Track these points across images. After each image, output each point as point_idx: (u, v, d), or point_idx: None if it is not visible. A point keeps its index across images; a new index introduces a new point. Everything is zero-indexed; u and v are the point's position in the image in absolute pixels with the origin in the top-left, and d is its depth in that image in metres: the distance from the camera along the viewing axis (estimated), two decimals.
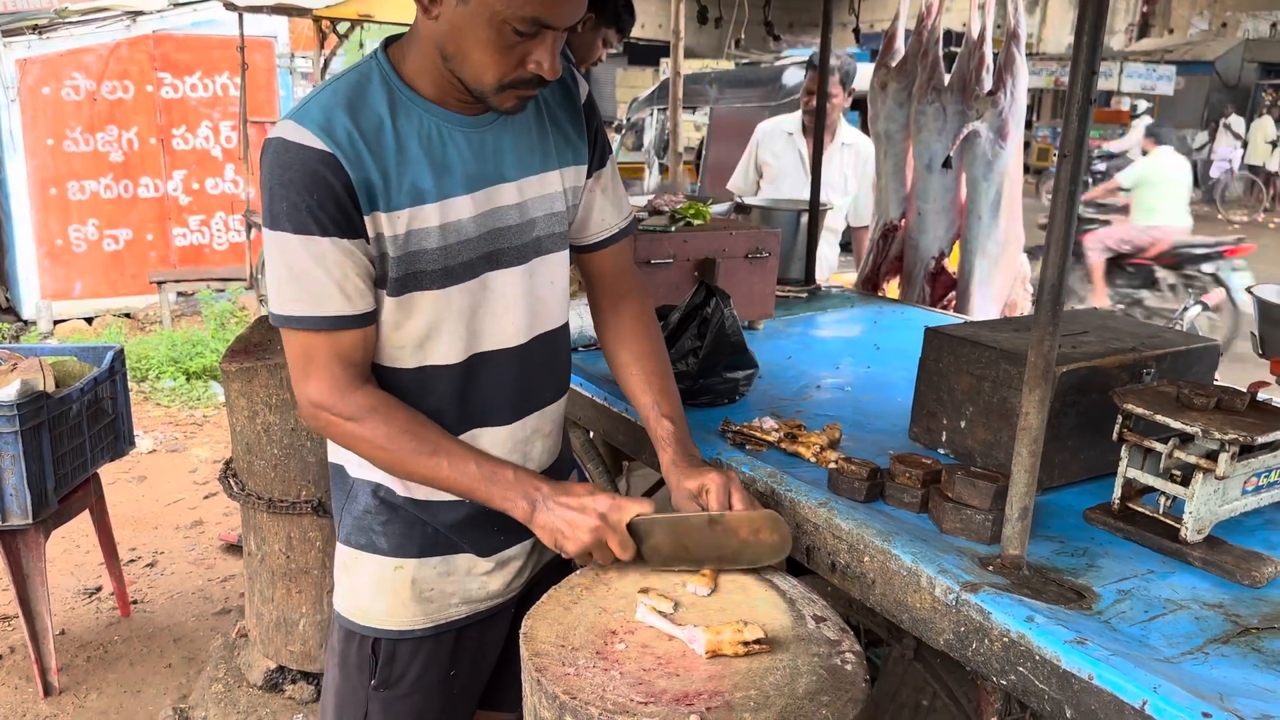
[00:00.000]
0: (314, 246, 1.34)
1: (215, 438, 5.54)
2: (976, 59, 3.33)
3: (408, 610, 1.57)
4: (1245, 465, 1.55)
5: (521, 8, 1.26)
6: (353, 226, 1.35)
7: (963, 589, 1.38)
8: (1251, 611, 1.41)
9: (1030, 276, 3.62)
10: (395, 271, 1.40)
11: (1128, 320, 2.12)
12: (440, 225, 1.41)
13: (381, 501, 1.55)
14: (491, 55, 1.31)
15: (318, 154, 1.31)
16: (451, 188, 1.41)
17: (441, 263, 1.42)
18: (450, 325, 1.46)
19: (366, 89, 1.38)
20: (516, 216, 1.49)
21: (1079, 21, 1.35)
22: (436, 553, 1.57)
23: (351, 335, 1.40)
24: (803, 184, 4.16)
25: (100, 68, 7.82)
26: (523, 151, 1.49)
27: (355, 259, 1.37)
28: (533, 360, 1.57)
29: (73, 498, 3.14)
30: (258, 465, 2.68)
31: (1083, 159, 1.36)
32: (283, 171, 1.32)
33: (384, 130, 1.37)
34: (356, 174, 1.33)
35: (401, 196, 1.37)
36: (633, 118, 9.28)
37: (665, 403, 1.63)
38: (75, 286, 7.99)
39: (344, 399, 1.40)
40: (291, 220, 1.33)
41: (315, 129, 1.32)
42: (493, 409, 1.55)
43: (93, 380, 3.15)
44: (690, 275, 2.72)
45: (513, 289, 1.51)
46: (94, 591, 3.81)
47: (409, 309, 1.43)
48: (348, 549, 1.59)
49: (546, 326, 1.59)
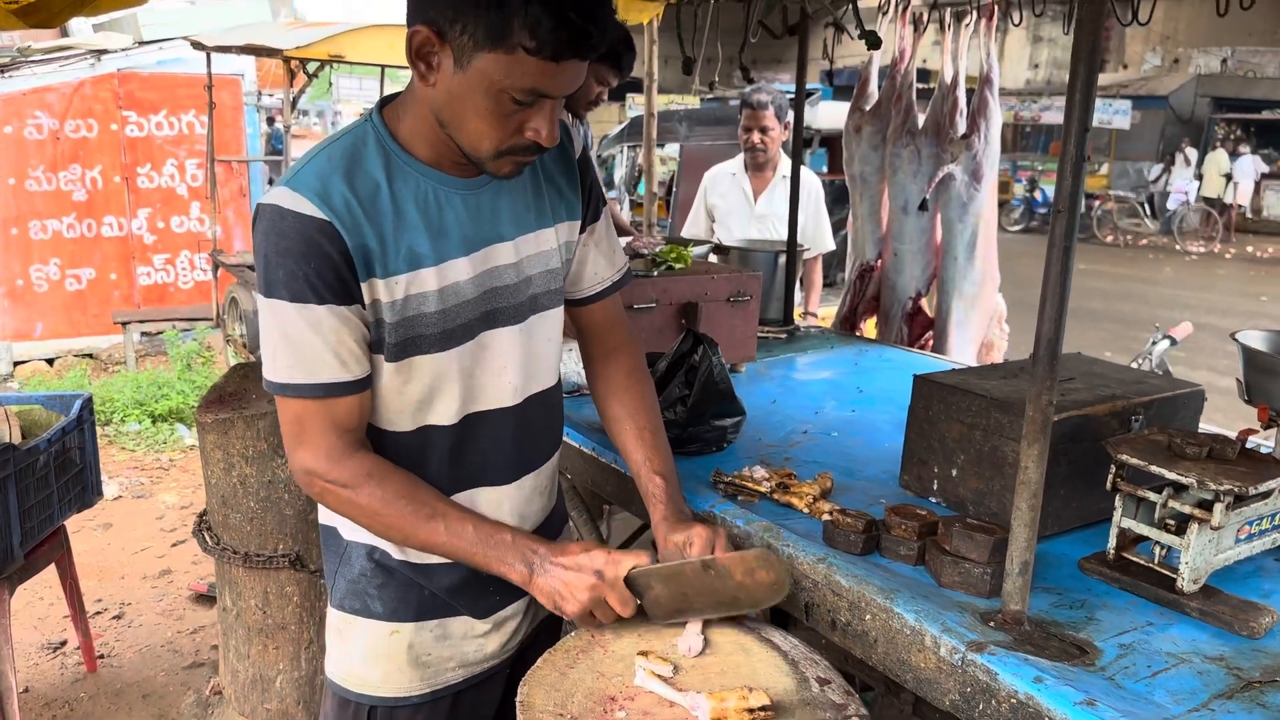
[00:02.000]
0: (310, 314, 1.32)
1: (183, 482, 5.43)
2: (950, 103, 3.38)
3: (404, 676, 1.53)
4: (1238, 514, 1.56)
5: (520, 79, 1.26)
6: (349, 293, 1.33)
7: (968, 648, 1.37)
8: (1253, 664, 1.41)
9: (1006, 315, 3.66)
10: (393, 337, 1.38)
11: (1110, 365, 2.13)
12: (439, 289, 1.39)
13: (377, 565, 1.52)
14: (489, 124, 1.30)
15: (315, 222, 1.29)
16: (449, 250, 1.40)
17: (440, 326, 1.40)
18: (448, 386, 1.44)
19: (362, 153, 1.37)
20: (513, 275, 1.48)
21: (1070, 78, 1.36)
22: (433, 616, 1.54)
23: (347, 402, 1.38)
24: (749, 221, 4.20)
25: (64, 106, 7.73)
26: (518, 210, 1.49)
27: (351, 325, 1.35)
28: (530, 418, 1.56)
29: (39, 551, 3.06)
30: (233, 518, 2.62)
31: (1077, 213, 1.37)
32: (279, 239, 1.30)
33: (381, 195, 1.35)
34: (353, 241, 1.31)
35: (399, 262, 1.36)
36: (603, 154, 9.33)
37: (656, 458, 1.62)
38: (36, 327, 7.84)
39: (338, 466, 1.38)
40: (288, 288, 1.31)
41: (312, 196, 1.30)
42: (490, 468, 1.53)
43: (60, 430, 3.07)
44: (673, 319, 2.72)
45: (510, 347, 1.50)
46: (59, 646, 3.69)
47: (408, 373, 1.42)
48: (341, 614, 1.55)
49: (543, 384, 1.58)
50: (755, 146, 4.12)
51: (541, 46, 1.22)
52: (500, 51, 1.23)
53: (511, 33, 1.22)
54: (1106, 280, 13.73)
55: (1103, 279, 13.82)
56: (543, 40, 1.22)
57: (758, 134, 4.09)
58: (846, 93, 4.46)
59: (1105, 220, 19.57)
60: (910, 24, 3.54)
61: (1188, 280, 14.29)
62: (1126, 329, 9.98)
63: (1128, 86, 22.75)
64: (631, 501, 2.11)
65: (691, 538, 1.46)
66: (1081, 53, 1.33)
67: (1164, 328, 4.97)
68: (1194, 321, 5.78)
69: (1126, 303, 11.89)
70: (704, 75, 3.94)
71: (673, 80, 16.95)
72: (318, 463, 1.38)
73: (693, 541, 1.46)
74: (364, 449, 1.42)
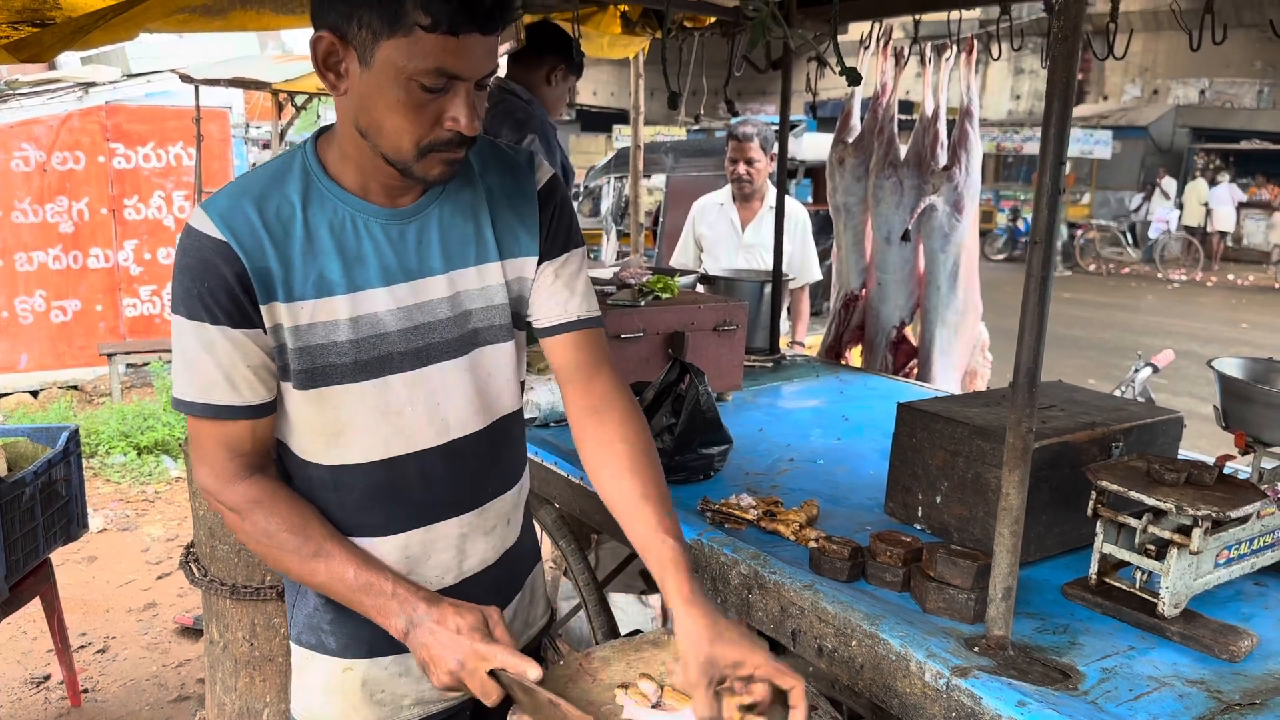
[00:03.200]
0: (203, 334, 1.31)
1: (168, 515, 5.40)
2: (931, 135, 3.43)
3: (358, 713, 1.51)
4: (1217, 539, 1.58)
5: (424, 60, 1.23)
6: (245, 316, 1.31)
7: (953, 673, 1.38)
8: (1233, 687, 1.42)
9: (989, 344, 3.70)
10: (298, 363, 1.35)
11: (1090, 392, 2.16)
12: (351, 318, 1.36)
13: (327, 601, 1.47)
14: (404, 117, 1.27)
15: (212, 242, 1.29)
16: (365, 280, 1.36)
17: (353, 356, 1.36)
18: (367, 422, 1.40)
19: (285, 177, 1.36)
20: (448, 309, 1.42)
21: (1045, 113, 1.40)
22: (387, 652, 1.49)
23: (238, 426, 1.36)
24: (736, 251, 4.25)
25: (51, 138, 7.74)
26: (454, 243, 1.43)
27: (246, 350, 1.33)
28: (470, 455, 1.49)
29: (24, 584, 3.04)
30: (220, 550, 2.62)
31: (1054, 244, 1.40)
32: (182, 256, 1.31)
33: (294, 220, 1.34)
34: (252, 263, 1.30)
35: (306, 287, 1.33)
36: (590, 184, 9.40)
37: (666, 519, 1.40)
38: (21, 359, 7.81)
39: (228, 488, 1.37)
40: (185, 305, 1.31)
41: (215, 217, 1.30)
42: (425, 508, 1.47)
43: (46, 462, 3.06)
44: (660, 349, 2.74)
45: (445, 384, 1.43)
46: (42, 680, 3.66)
47: (319, 404, 1.38)
48: (299, 648, 1.53)
49: (487, 420, 1.49)
50: (741, 178, 4.18)
51: (437, 22, 1.20)
52: (399, 36, 1.21)
53: (405, 13, 1.20)
54: (1089, 309, 13.85)
55: (1085, 307, 13.94)
56: (437, 14, 1.20)
57: (744, 165, 4.15)
58: (830, 124, 4.52)
59: (1088, 249, 19.79)
60: (891, 58, 3.61)
61: (1170, 308, 14.43)
62: (1109, 357, 10.06)
63: (1108, 117, 23.08)
64: (619, 531, 2.11)
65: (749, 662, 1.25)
66: (1056, 89, 1.36)
67: (1146, 355, 5.03)
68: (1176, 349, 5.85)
69: (1109, 331, 11.99)
70: (689, 107, 3.99)
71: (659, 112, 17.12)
72: (209, 482, 1.37)
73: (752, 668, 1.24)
74: (260, 474, 1.39)
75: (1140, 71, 23.63)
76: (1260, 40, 20.11)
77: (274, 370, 1.36)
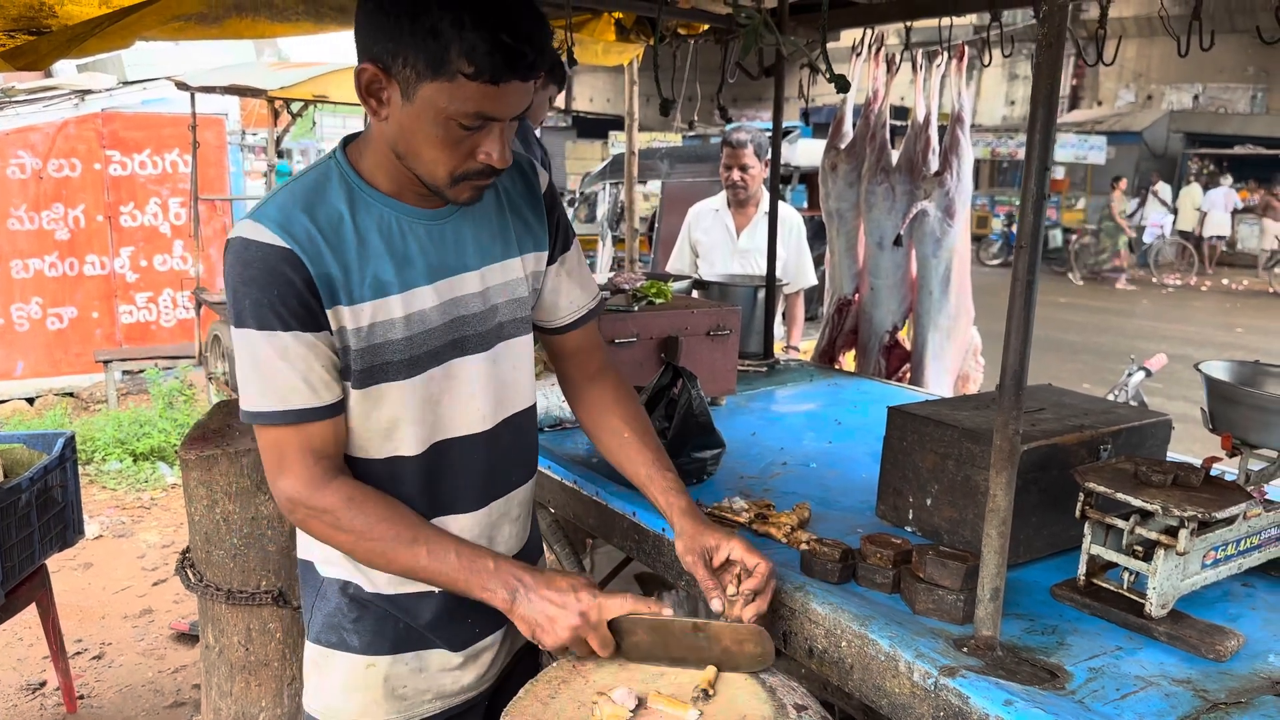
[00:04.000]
0: (277, 341, 1.34)
1: (164, 521, 5.40)
2: (923, 141, 3.45)
3: (380, 709, 1.55)
4: (1204, 540, 1.60)
5: (464, 104, 1.29)
6: (315, 320, 1.36)
7: (941, 673, 1.39)
8: (1219, 686, 1.44)
9: (981, 349, 3.71)
10: (359, 364, 1.40)
11: (1079, 395, 2.18)
12: (405, 316, 1.42)
13: (351, 599, 1.53)
14: (441, 151, 1.34)
15: (277, 250, 1.33)
16: (414, 279, 1.43)
17: (407, 353, 1.43)
18: (414, 414, 1.46)
19: (325, 187, 1.40)
20: (479, 304, 1.51)
21: (1030, 120, 1.41)
22: (409, 649, 1.55)
23: (320, 427, 1.40)
24: (731, 256, 4.27)
25: (47, 146, 7.76)
26: (484, 240, 1.52)
27: (319, 352, 1.37)
28: (500, 445, 1.58)
29: (20, 590, 3.05)
30: (216, 555, 2.62)
31: (1039, 249, 1.42)
32: (244, 269, 1.33)
33: (344, 225, 1.38)
34: (316, 269, 1.34)
35: (364, 289, 1.39)
36: (586, 190, 9.41)
37: (664, 458, 1.67)
38: (17, 366, 7.81)
39: (319, 493, 1.40)
40: (255, 317, 1.34)
41: (274, 227, 1.33)
42: (460, 496, 1.54)
43: (42, 469, 3.07)
44: (653, 353, 2.75)
45: (477, 375, 1.52)
46: (38, 687, 3.66)
47: (376, 400, 1.44)
48: (318, 647, 1.57)
49: (512, 410, 1.60)
50: (736, 184, 4.20)
51: (480, 71, 1.26)
52: (442, 80, 1.27)
53: (450, 61, 1.25)
54: (1083, 313, 13.88)
55: (1079, 312, 13.97)
56: (480, 65, 1.25)
57: (738, 172, 4.17)
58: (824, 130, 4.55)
59: (1082, 254, 19.82)
60: (883, 64, 3.63)
61: (1164, 313, 14.47)
62: (1103, 361, 10.08)
63: (1102, 123, 23.16)
64: (613, 534, 2.13)
65: (730, 548, 1.50)
66: (1040, 95, 1.38)
67: (1139, 359, 5.05)
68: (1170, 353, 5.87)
69: (1103, 335, 12.01)
70: (684, 114, 4.01)
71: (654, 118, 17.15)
72: (298, 490, 1.39)
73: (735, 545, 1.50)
74: (343, 474, 1.43)
75: (1134, 77, 23.72)
76: (1253, 45, 20.18)
77: (339, 370, 1.41)
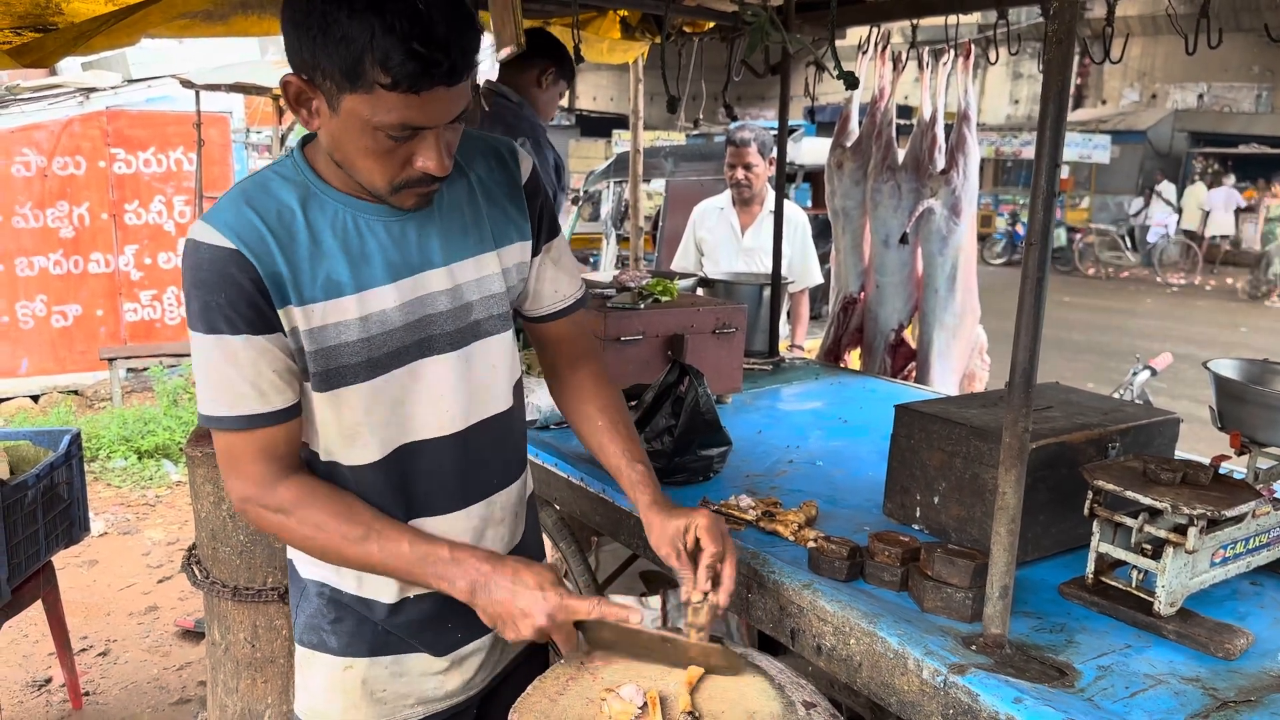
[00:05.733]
0: (226, 346, 1.32)
1: (169, 518, 5.41)
2: (929, 139, 3.45)
3: (359, 712, 1.53)
4: (1213, 538, 1.60)
5: (387, 114, 1.24)
6: (266, 322, 1.33)
7: (950, 671, 1.39)
8: (1228, 684, 1.44)
9: (987, 347, 3.71)
10: (315, 366, 1.37)
11: (1086, 394, 2.17)
12: (360, 317, 1.38)
13: (329, 600, 1.52)
14: (374, 161, 1.30)
15: (224, 252, 1.30)
16: (370, 278, 1.39)
17: (365, 354, 1.39)
18: (377, 418, 1.43)
19: (279, 184, 1.37)
20: (449, 301, 1.46)
21: (1040, 117, 1.41)
22: (387, 652, 1.53)
23: (271, 432, 1.37)
24: (736, 254, 4.27)
25: (52, 144, 7.76)
26: (453, 235, 1.46)
27: (270, 355, 1.34)
28: (474, 447, 1.53)
29: (25, 587, 3.05)
30: (222, 552, 2.62)
31: (1049, 247, 1.41)
32: (194, 272, 1.31)
33: (295, 223, 1.35)
34: (265, 268, 1.31)
35: (315, 289, 1.35)
36: (590, 189, 9.40)
37: (635, 449, 1.63)
38: (22, 364, 7.82)
39: (270, 492, 1.38)
40: (204, 320, 1.31)
41: (222, 227, 1.31)
42: (433, 499, 1.50)
43: (49, 466, 3.08)
44: (659, 351, 2.75)
45: (447, 375, 1.47)
46: (44, 683, 3.67)
47: (337, 405, 1.41)
48: (301, 648, 1.56)
49: (488, 412, 1.54)
50: (740, 182, 4.20)
51: (397, 81, 1.21)
52: (360, 92, 1.23)
53: (365, 71, 1.21)
54: (1088, 312, 13.86)
55: (1084, 311, 13.95)
56: (396, 75, 1.20)
57: (742, 170, 4.17)
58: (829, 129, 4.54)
59: (1087, 253, 19.79)
60: (889, 62, 3.63)
61: (1168, 312, 14.44)
62: (1108, 360, 10.07)
63: (1107, 122, 23.13)
64: (620, 531, 2.13)
65: (696, 520, 1.47)
66: (1051, 93, 1.38)
67: (1144, 359, 5.05)
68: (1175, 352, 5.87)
69: (1108, 334, 11.99)
70: (689, 112, 4.01)
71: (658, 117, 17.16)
72: (249, 490, 1.38)
73: (698, 523, 1.46)
74: (297, 473, 1.41)
75: (1139, 76, 23.69)
76: (1258, 44, 20.15)
77: (296, 372, 1.38)
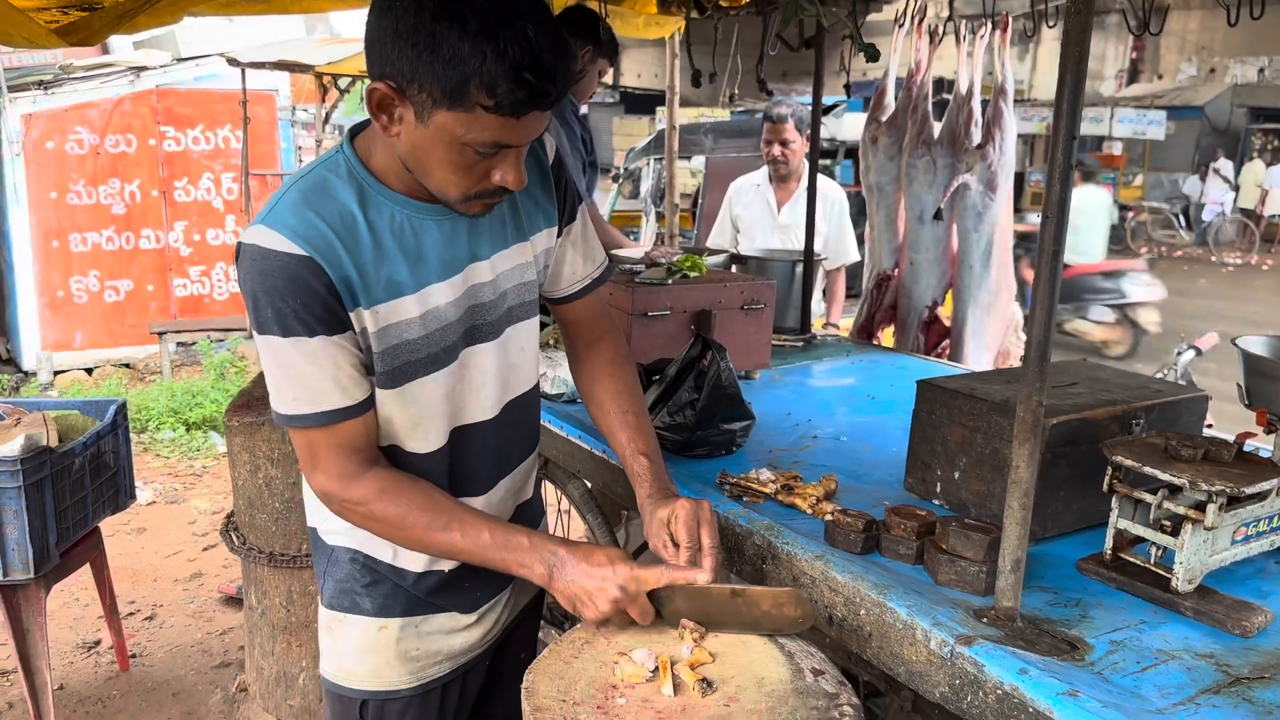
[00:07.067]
0: (304, 347, 1.35)
1: (214, 489, 5.55)
2: (965, 113, 3.40)
3: (392, 670, 1.59)
4: (1234, 515, 1.58)
5: (481, 134, 1.26)
6: (340, 322, 1.36)
7: (957, 641, 1.40)
8: (1242, 661, 1.42)
9: (1022, 324, 3.67)
10: (382, 365, 1.41)
11: (1115, 371, 2.15)
12: (421, 315, 1.42)
13: (362, 565, 1.57)
14: (454, 173, 1.33)
15: (296, 259, 1.31)
16: (428, 277, 1.42)
17: (426, 350, 1.44)
18: (438, 409, 1.49)
19: (335, 185, 1.38)
20: (491, 293, 1.51)
21: (1059, 88, 1.40)
22: (420, 612, 1.59)
23: (351, 425, 1.42)
24: (771, 231, 4.25)
25: (104, 122, 7.93)
26: (495, 227, 1.50)
27: (346, 352, 1.38)
28: (506, 426, 1.60)
29: (74, 551, 3.15)
30: (259, 519, 2.69)
31: (1065, 220, 1.40)
32: (264, 279, 1.32)
33: (358, 227, 1.37)
34: (336, 273, 1.34)
35: (379, 291, 1.38)
36: (630, 166, 9.40)
37: (640, 440, 1.65)
38: (76, 337, 8.03)
39: (353, 486, 1.43)
40: (279, 325, 1.34)
41: (289, 233, 1.32)
42: (472, 479, 1.57)
43: (95, 434, 3.17)
44: (687, 327, 2.76)
45: (488, 362, 1.53)
46: (93, 645, 3.80)
47: (402, 398, 1.45)
48: (331, 612, 1.61)
49: (517, 392, 1.62)
50: (777, 159, 4.18)
51: (500, 106, 1.23)
52: (460, 110, 1.24)
53: (469, 93, 1.22)
54: None
55: None
56: (502, 101, 1.22)
57: (779, 146, 4.15)
58: None
59: (1139, 231, 19.37)
60: (926, 35, 3.58)
61: (1223, 292, 14.11)
62: (1153, 340, 9.88)
63: (1162, 97, 22.55)
64: None
65: (676, 511, 1.49)
66: (1069, 62, 1.37)
67: (1189, 339, 4.96)
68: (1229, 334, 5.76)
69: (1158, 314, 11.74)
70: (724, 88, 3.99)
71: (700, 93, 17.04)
72: (332, 485, 1.43)
73: (677, 514, 1.48)
74: (377, 465, 1.45)
75: (1197, 50, 23.04)
76: None
77: (366, 366, 1.43)
